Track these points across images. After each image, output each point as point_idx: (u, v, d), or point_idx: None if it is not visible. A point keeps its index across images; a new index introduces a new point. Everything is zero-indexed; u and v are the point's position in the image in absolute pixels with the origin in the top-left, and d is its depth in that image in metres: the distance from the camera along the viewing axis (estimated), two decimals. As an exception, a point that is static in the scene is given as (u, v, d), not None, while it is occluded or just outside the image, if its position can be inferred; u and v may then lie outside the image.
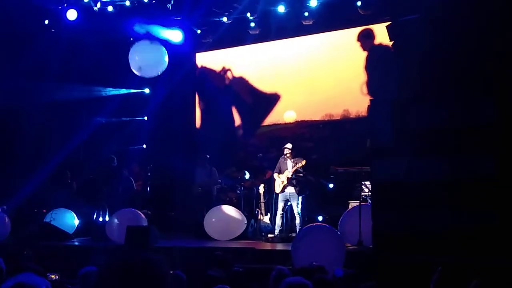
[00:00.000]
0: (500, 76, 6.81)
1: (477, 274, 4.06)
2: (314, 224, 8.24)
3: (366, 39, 11.60)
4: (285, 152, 9.69)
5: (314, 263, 5.48)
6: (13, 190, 11.18)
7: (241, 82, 13.02)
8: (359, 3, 10.62)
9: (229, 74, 13.22)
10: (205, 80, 13.55)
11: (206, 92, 13.51)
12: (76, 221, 10.39)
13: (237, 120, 12.99)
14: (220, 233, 9.51)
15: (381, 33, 11.32)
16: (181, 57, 12.92)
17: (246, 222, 9.62)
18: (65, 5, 11.34)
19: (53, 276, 5.09)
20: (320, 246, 6.62)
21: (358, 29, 11.59)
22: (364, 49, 11.66)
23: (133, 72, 12.49)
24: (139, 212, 9.52)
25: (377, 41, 11.53)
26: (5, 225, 9.79)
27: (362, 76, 11.41)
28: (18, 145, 11.98)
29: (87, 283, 4.10)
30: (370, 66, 11.50)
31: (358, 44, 11.67)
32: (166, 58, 10.69)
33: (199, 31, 12.55)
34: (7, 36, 11.11)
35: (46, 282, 2.81)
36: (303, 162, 9.47)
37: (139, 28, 11.73)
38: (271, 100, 12.54)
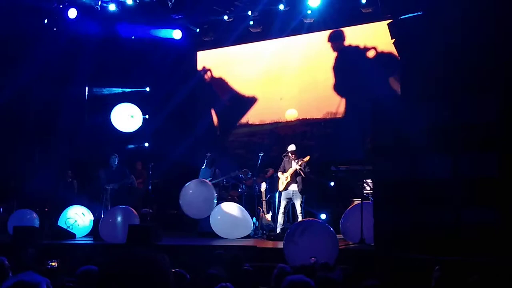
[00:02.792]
0: (504, 75, 6.80)
1: (479, 271, 4.06)
2: (306, 219, 8.26)
3: (336, 40, 11.92)
4: (289, 154, 9.70)
5: (313, 258, 5.48)
6: (14, 189, 11.21)
7: (242, 79, 13.02)
8: (363, 1, 10.60)
9: (229, 71, 13.22)
10: (206, 78, 13.55)
11: (207, 90, 13.51)
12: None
13: (239, 118, 12.99)
14: (226, 232, 9.44)
15: (351, 34, 11.68)
16: (182, 55, 12.94)
17: (252, 224, 9.60)
18: (66, 3, 11.33)
19: (53, 263, 5.09)
20: (313, 242, 6.61)
21: (360, 27, 11.60)
22: (334, 50, 11.95)
23: (134, 71, 12.56)
24: (131, 209, 9.47)
25: (347, 42, 11.84)
26: (34, 221, 9.93)
27: (363, 74, 11.42)
28: (20, 144, 11.99)
29: (86, 281, 4.10)
30: (338, 66, 11.82)
31: (329, 44, 11.98)
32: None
33: (198, 30, 12.55)
34: (9, 34, 11.12)
35: (46, 280, 2.81)
36: (307, 157, 9.50)
37: (124, 30, 11.79)
38: (273, 97, 12.55)
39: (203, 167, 10.75)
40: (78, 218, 10.05)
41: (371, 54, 11.45)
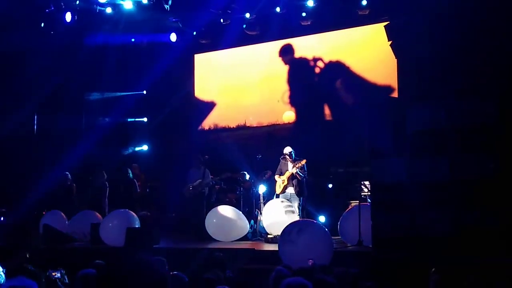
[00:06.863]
0: (500, 76, 6.82)
1: (476, 273, 4.06)
2: (301, 220, 8.29)
3: (286, 54, 12.35)
4: (286, 156, 9.70)
5: (310, 260, 5.48)
6: (13, 192, 11.17)
7: (239, 82, 13.03)
8: (364, 3, 10.61)
9: (226, 74, 13.23)
10: (204, 81, 13.56)
11: (205, 93, 13.51)
12: None
13: (237, 120, 13.00)
14: (222, 234, 9.44)
15: (301, 47, 12.12)
16: (179, 58, 12.94)
17: (248, 226, 9.58)
18: (63, 7, 11.31)
19: (54, 273, 5.06)
20: (309, 242, 6.66)
21: (356, 29, 11.63)
22: (285, 63, 12.37)
23: (131, 74, 12.56)
24: (131, 212, 9.44)
25: (296, 55, 12.19)
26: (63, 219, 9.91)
27: (361, 75, 11.46)
28: (19, 147, 11.95)
29: (85, 285, 4.09)
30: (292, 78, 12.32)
31: (280, 59, 12.43)
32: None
33: (194, 33, 12.56)
34: (6, 38, 11.10)
35: (39, 285, 2.80)
36: (303, 161, 9.48)
37: (121, 33, 11.80)
38: (271, 99, 12.57)
39: (192, 168, 10.71)
40: None
41: (371, 55, 11.48)
